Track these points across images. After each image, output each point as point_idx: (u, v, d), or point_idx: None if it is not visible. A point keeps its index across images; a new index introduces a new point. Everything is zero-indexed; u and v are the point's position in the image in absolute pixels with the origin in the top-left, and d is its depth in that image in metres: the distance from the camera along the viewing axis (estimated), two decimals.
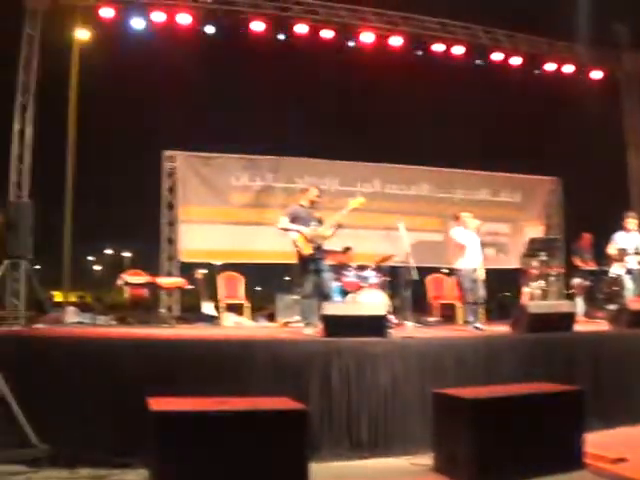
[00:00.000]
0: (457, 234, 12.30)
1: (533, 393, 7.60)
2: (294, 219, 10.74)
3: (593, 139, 18.59)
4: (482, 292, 12.22)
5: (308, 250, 10.41)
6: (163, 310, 14.32)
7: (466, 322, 12.00)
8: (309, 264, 10.53)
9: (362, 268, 13.89)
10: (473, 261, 12.11)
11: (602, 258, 15.27)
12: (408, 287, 12.71)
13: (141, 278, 14.50)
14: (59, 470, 6.99)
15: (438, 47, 17.76)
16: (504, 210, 19.46)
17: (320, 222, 10.71)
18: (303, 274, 10.69)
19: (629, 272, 14.05)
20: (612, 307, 13.17)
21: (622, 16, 17.06)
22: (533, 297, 14.58)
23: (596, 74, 19.09)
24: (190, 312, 16.25)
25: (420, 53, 17.78)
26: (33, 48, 15.49)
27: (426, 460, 7.83)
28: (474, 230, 12.54)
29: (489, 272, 12.47)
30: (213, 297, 15.10)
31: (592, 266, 15.39)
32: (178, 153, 17.16)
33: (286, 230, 10.80)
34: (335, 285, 13.31)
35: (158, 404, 6.08)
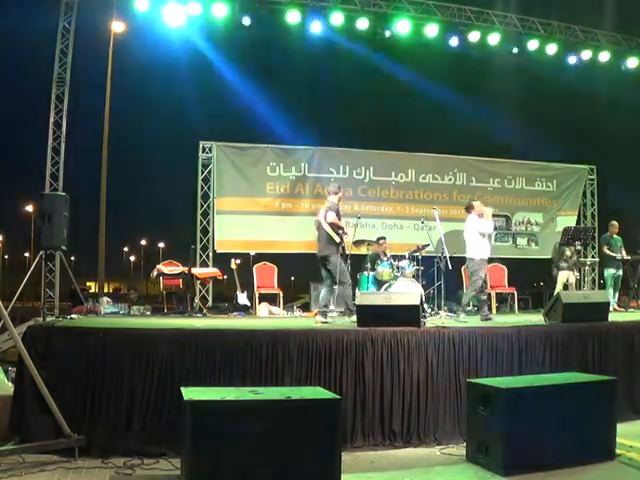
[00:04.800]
0: (476, 224, 11.93)
1: (566, 383, 7.62)
2: (337, 214, 11.12)
3: (628, 128, 18.43)
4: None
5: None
6: (197, 300, 14.40)
7: (461, 309, 11.86)
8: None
9: (396, 258, 13.90)
10: (488, 251, 11.89)
11: (637, 247, 15.14)
12: (442, 277, 12.72)
13: (176, 269, 14.60)
14: (92, 460, 7.12)
15: (473, 35, 17.66)
16: (539, 199, 19.28)
17: None
18: (343, 264, 11.04)
19: None
20: None
21: None
22: (567, 287, 14.49)
23: (632, 62, 18.85)
24: (224, 302, 16.35)
25: (455, 42, 17.71)
26: (68, 40, 15.60)
27: (458, 450, 7.92)
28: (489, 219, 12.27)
29: (524, 262, 12.34)
30: (247, 287, 15.18)
31: (622, 255, 15.14)
32: (213, 143, 17.19)
33: (334, 225, 11.08)
34: (370, 275, 13.47)
35: (192, 394, 6.19)
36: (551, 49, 18.16)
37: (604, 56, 18.50)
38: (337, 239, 10.89)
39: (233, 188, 17.06)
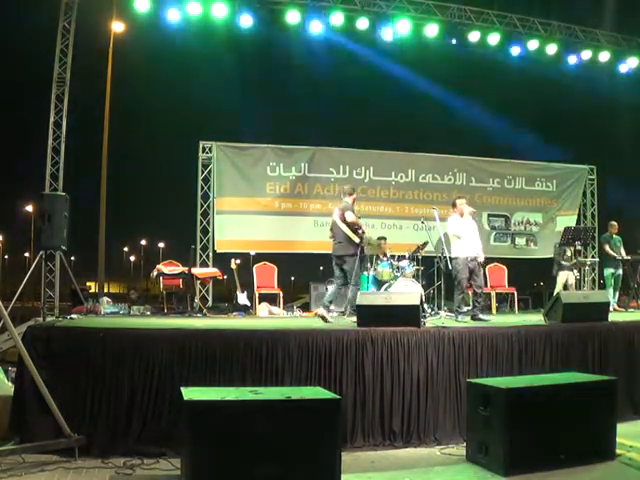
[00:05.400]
0: (452, 224, 11.84)
1: (566, 383, 7.62)
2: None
3: (628, 128, 18.42)
4: (481, 280, 11.83)
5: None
6: (197, 300, 14.39)
7: (456, 310, 11.55)
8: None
9: (396, 258, 13.89)
10: (470, 249, 11.60)
11: (637, 247, 15.14)
12: (442, 277, 12.72)
13: (176, 269, 14.58)
14: (92, 460, 7.12)
15: (473, 35, 17.64)
16: (539, 199, 19.24)
17: None
18: (358, 264, 11.09)
19: None
20: None
21: None
22: (567, 287, 14.48)
23: (632, 61, 18.84)
24: (224, 302, 16.34)
25: (455, 41, 17.71)
26: (68, 40, 15.58)
27: (458, 450, 7.92)
28: (470, 217, 12.08)
29: (523, 262, 12.26)
30: (247, 287, 15.17)
31: (622, 255, 15.12)
32: (213, 143, 17.17)
33: (353, 224, 11.21)
34: (370, 275, 13.48)
35: (192, 394, 6.19)
36: (551, 49, 18.14)
37: (604, 56, 18.49)
38: (357, 240, 10.97)
39: (233, 188, 17.02)
